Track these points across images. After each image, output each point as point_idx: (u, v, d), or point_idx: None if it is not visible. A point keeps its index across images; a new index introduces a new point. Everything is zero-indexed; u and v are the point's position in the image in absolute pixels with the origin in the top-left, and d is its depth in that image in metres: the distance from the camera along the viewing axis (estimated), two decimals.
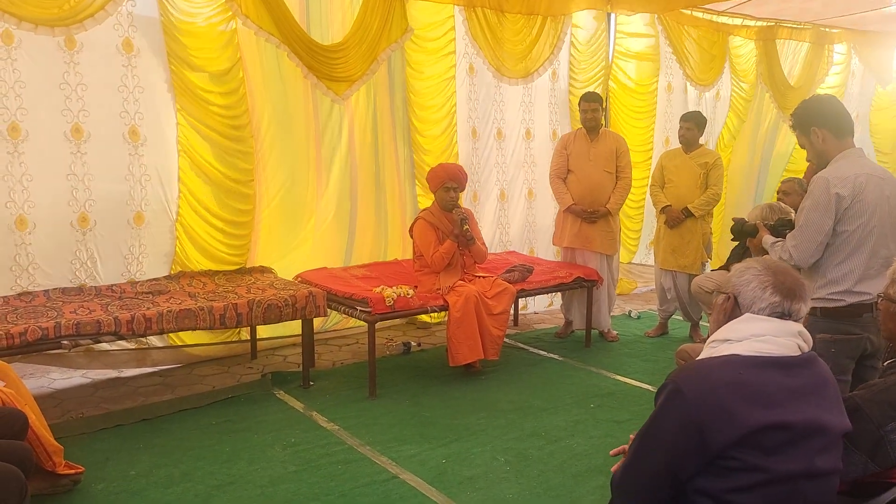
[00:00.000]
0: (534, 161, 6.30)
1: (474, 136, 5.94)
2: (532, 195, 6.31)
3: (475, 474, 3.33)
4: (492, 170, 6.09)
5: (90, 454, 3.38)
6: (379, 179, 5.50)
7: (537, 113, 6.28)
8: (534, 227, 6.41)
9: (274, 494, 3.13)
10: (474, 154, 5.96)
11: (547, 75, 6.23)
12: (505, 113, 6.09)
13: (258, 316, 4.17)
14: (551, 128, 6.40)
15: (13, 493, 2.18)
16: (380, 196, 5.54)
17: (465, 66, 5.79)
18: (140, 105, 4.44)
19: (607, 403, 4.24)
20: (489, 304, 4.58)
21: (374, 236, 5.59)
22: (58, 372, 4.55)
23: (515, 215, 6.31)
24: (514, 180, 6.24)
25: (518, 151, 6.23)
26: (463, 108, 5.82)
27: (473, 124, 5.92)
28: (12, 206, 4.09)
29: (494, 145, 6.08)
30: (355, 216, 5.43)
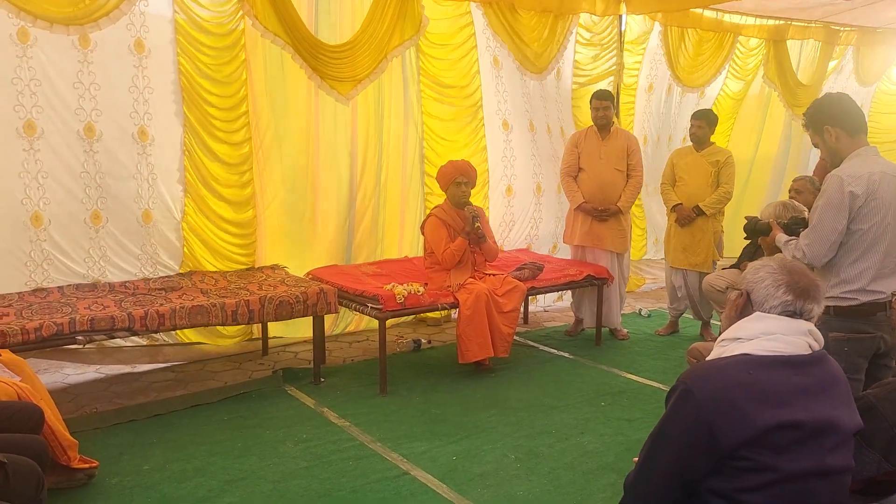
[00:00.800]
0: (556, 156, 6.32)
1: (506, 128, 5.94)
2: (540, 190, 6.33)
3: (486, 471, 3.34)
4: (524, 163, 6.10)
5: (104, 449, 3.41)
6: (381, 178, 5.51)
7: (550, 109, 6.29)
8: (540, 223, 6.42)
9: (286, 490, 3.15)
10: (507, 146, 5.95)
11: (553, 73, 6.24)
12: (532, 107, 6.11)
13: (270, 312, 4.20)
14: (559, 125, 6.41)
15: (30, 486, 2.21)
16: (381, 195, 5.55)
17: (488, 58, 5.79)
18: (149, 105, 4.48)
19: (618, 401, 4.24)
20: (499, 301, 4.59)
21: (372, 235, 5.60)
22: (72, 367, 4.59)
23: (544, 209, 6.32)
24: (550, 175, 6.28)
25: (543, 145, 6.25)
26: (491, 101, 5.82)
27: (504, 116, 5.92)
28: (28, 202, 4.14)
29: (528, 138, 6.09)
30: (354, 215, 5.46)
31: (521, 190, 6.17)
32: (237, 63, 4.69)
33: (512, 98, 5.97)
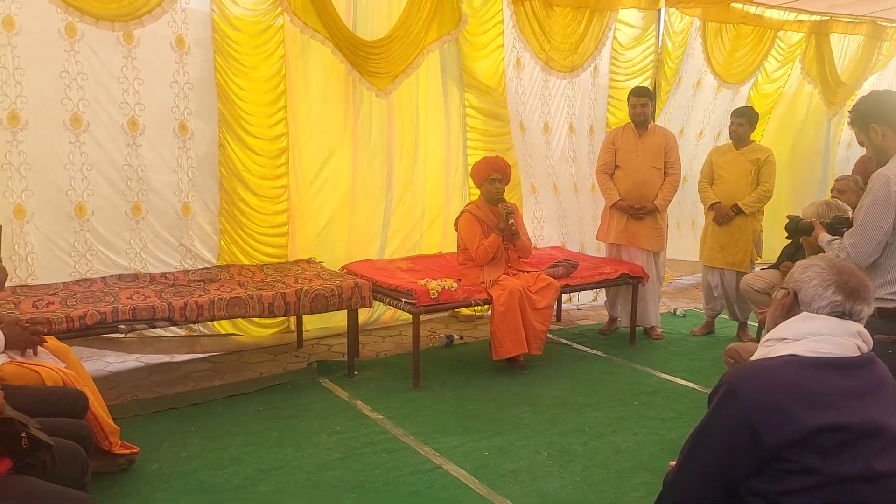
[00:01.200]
0: (574, 156, 6.29)
1: (522, 130, 5.94)
2: (561, 189, 6.30)
3: (518, 467, 3.34)
4: (539, 164, 6.09)
5: (144, 436, 3.48)
6: (419, 173, 5.53)
7: (578, 108, 6.25)
8: (566, 220, 6.40)
9: (320, 480, 3.19)
10: (524, 147, 5.95)
11: (589, 70, 6.19)
12: (550, 107, 6.07)
13: (305, 305, 4.25)
14: (589, 123, 6.37)
15: (76, 469, 2.27)
16: (419, 190, 5.57)
17: (512, 59, 5.79)
18: (189, 101, 4.55)
19: (652, 401, 4.20)
20: (533, 298, 4.58)
21: (407, 231, 5.62)
22: (113, 356, 4.70)
23: (551, 209, 6.30)
24: (559, 175, 6.23)
25: (562, 146, 6.21)
26: (511, 102, 5.82)
27: (521, 118, 5.91)
28: (72, 193, 4.24)
29: (541, 139, 6.07)
30: (390, 211, 5.48)
31: (540, 190, 6.15)
32: (275, 59, 4.74)
33: (530, 100, 5.96)
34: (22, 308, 3.66)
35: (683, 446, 1.69)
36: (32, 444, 2.03)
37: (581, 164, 6.35)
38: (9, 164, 4.01)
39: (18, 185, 4.05)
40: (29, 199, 4.10)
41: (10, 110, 3.97)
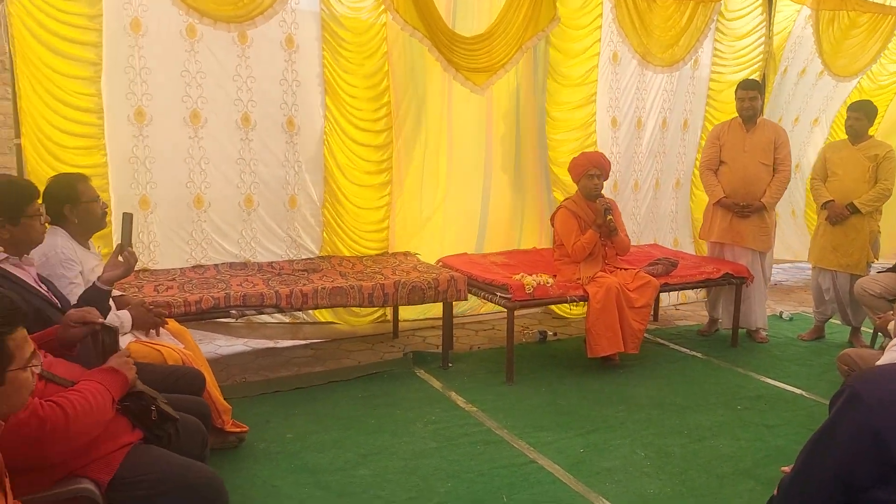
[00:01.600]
0: (663, 151, 6.14)
1: (614, 126, 5.84)
2: (642, 186, 6.16)
3: (614, 466, 3.31)
4: (629, 160, 5.98)
5: (252, 416, 3.67)
6: (516, 168, 5.54)
7: (674, 102, 6.09)
8: (656, 215, 6.29)
9: (417, 467, 3.27)
10: (614, 144, 5.86)
11: (690, 63, 6.01)
12: (645, 102, 5.95)
13: (403, 296, 4.35)
14: (683, 117, 6.18)
15: (197, 443, 2.43)
16: (515, 185, 5.57)
17: (608, 53, 5.70)
18: (297, 97, 4.73)
19: (756, 406, 4.05)
20: (631, 296, 4.50)
21: (509, 226, 5.64)
22: (223, 339, 4.97)
23: (643, 206, 6.17)
24: (642, 171, 6.12)
25: (652, 141, 6.09)
26: (603, 97, 5.74)
27: (613, 113, 5.82)
28: (191, 185, 4.51)
29: (634, 135, 5.96)
30: (487, 205, 5.51)
31: (622, 185, 6.04)
32: (379, 56, 4.86)
33: (624, 95, 5.84)
34: (144, 292, 3.93)
35: (801, 452, 1.63)
36: (160, 417, 2.19)
37: (668, 159, 6.21)
38: (135, 157, 4.30)
39: (144, 178, 4.35)
40: (153, 191, 4.40)
41: (136, 107, 4.26)
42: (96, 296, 2.66)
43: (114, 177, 4.24)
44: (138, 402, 2.17)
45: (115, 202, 4.23)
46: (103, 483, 1.96)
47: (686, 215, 6.50)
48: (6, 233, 2.40)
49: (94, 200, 3.07)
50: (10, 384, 1.39)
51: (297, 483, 3.11)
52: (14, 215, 2.41)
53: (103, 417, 1.94)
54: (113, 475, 1.98)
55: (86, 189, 3.06)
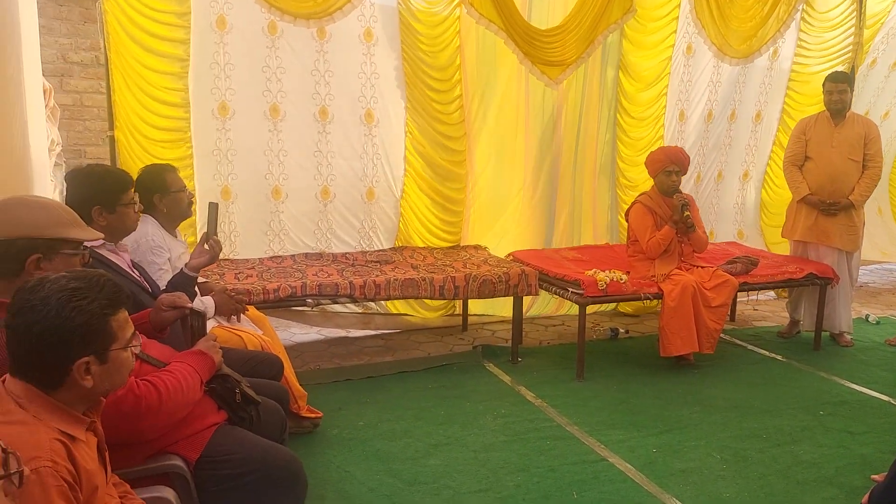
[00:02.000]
0: (730, 143, 5.98)
1: (682, 119, 5.70)
2: (704, 178, 5.99)
3: (688, 468, 3.24)
4: (693, 153, 5.82)
5: (326, 402, 3.75)
6: (578, 163, 5.48)
7: (745, 94, 5.89)
8: (718, 208, 6.15)
9: (486, 460, 3.28)
10: (680, 137, 5.72)
11: (767, 54, 5.79)
12: (717, 94, 5.78)
13: (473, 290, 4.36)
14: (756, 109, 5.97)
15: (276, 426, 2.51)
16: (577, 180, 5.52)
17: (682, 46, 5.56)
18: (375, 90, 4.80)
19: (839, 412, 3.89)
20: (707, 295, 4.38)
21: (573, 221, 5.58)
22: (297, 327, 5.11)
23: (703, 198, 6.03)
24: (704, 163, 5.98)
25: (718, 133, 5.93)
26: (673, 91, 5.61)
27: (682, 106, 5.68)
28: (270, 177, 4.65)
29: (702, 127, 5.81)
30: (554, 200, 5.46)
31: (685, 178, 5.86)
32: (452, 49, 4.88)
33: (696, 87, 5.69)
34: (225, 279, 4.08)
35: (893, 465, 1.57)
36: (244, 399, 2.28)
37: (736, 152, 6.05)
38: (218, 149, 4.46)
39: (226, 169, 4.51)
40: (234, 182, 4.55)
41: (220, 102, 4.41)
42: (184, 282, 2.77)
43: (198, 168, 4.41)
44: (224, 384, 2.25)
45: (199, 193, 4.40)
46: (191, 460, 2.06)
47: (754, 208, 6.31)
48: (103, 220, 2.53)
49: (181, 190, 3.21)
50: (113, 363, 1.47)
51: (369, 469, 3.17)
52: (110, 203, 2.53)
53: (193, 397, 2.03)
54: (200, 453, 2.07)
55: (174, 180, 3.20)
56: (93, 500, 1.41)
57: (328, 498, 2.93)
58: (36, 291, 1.39)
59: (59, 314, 1.37)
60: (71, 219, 1.92)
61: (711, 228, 6.10)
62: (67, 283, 1.41)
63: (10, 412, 1.36)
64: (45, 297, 1.38)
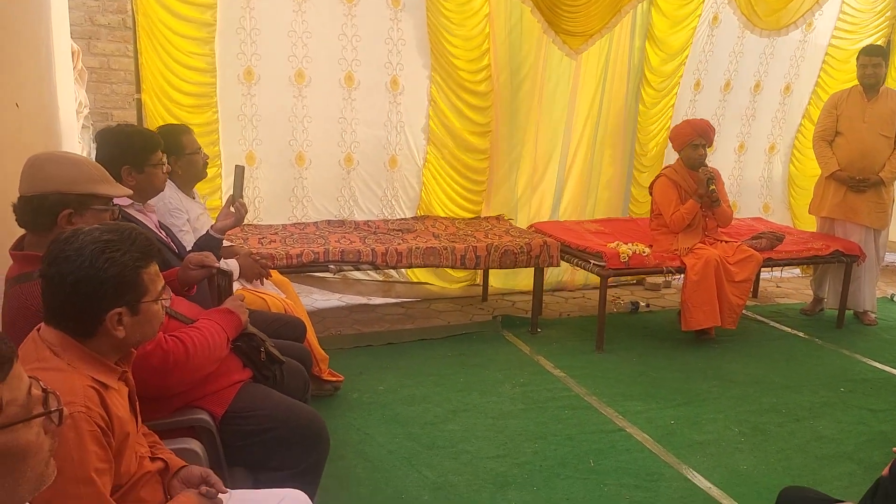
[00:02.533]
0: (753, 115, 5.87)
1: (696, 88, 5.61)
2: (719, 148, 5.86)
3: (706, 440, 3.25)
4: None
5: (346, 367, 3.80)
6: (598, 135, 5.42)
7: (772, 65, 5.76)
8: (740, 180, 6.06)
9: (504, 427, 3.32)
10: (692, 107, 5.63)
11: (802, 27, 5.65)
12: (739, 64, 5.67)
13: (495, 260, 4.37)
14: (785, 81, 5.85)
15: (299, 386, 2.55)
16: (596, 152, 5.46)
17: (709, 16, 5.45)
18: (401, 56, 4.76)
19: (860, 389, 3.87)
20: (731, 270, 4.35)
21: (584, 193, 5.53)
22: (319, 293, 5.15)
23: (724, 171, 5.92)
24: (728, 133, 5.89)
25: (741, 105, 5.83)
26: (692, 60, 5.51)
27: (699, 76, 5.59)
28: (294, 143, 4.66)
29: (719, 97, 5.71)
30: (565, 172, 5.42)
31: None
32: (480, 17, 4.81)
33: (715, 56, 5.58)
34: (249, 244, 4.12)
35: None
36: (268, 358, 2.32)
37: (760, 124, 5.94)
38: (243, 115, 4.48)
39: (251, 135, 4.52)
40: (258, 147, 4.57)
41: (245, 67, 4.41)
42: (210, 243, 2.80)
43: (224, 133, 4.43)
44: (249, 342, 2.29)
45: (224, 158, 4.43)
46: (217, 415, 2.10)
47: (782, 182, 6.22)
48: (132, 179, 2.55)
49: (196, 153, 3.22)
50: (144, 315, 1.51)
51: (389, 433, 3.22)
52: (139, 163, 2.56)
53: (219, 353, 2.07)
54: (226, 409, 2.11)
55: (189, 142, 3.21)
56: (124, 446, 1.45)
57: (348, 458, 2.99)
58: (70, 242, 1.42)
59: (93, 265, 1.40)
60: (101, 175, 1.94)
61: (734, 201, 6.03)
62: (101, 235, 1.44)
63: (46, 359, 1.40)
64: (80, 247, 1.41)
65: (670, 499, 2.76)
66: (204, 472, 1.66)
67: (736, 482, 2.90)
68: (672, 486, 2.86)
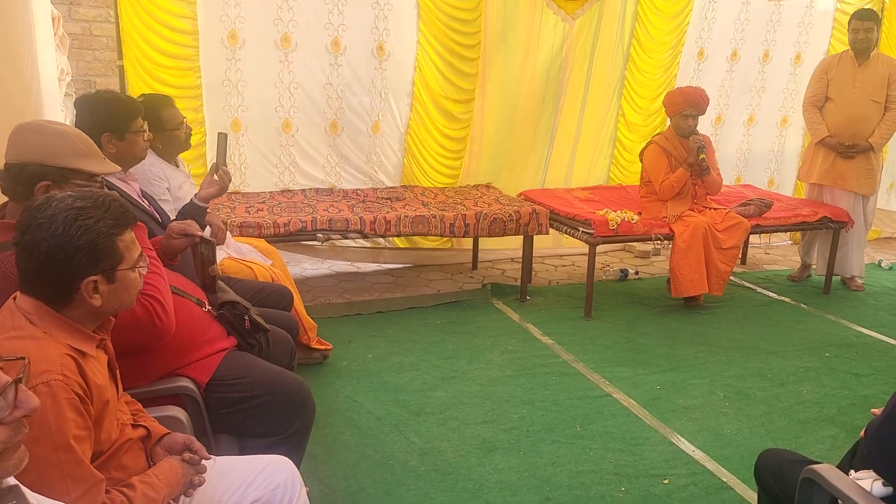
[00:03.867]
0: (763, 86, 5.79)
1: (700, 58, 5.54)
2: (728, 121, 5.84)
3: (691, 405, 3.29)
4: (713, 94, 5.67)
5: (335, 335, 3.81)
6: (585, 102, 5.36)
7: (782, 34, 5.68)
8: (748, 154, 5.99)
9: (492, 393, 3.34)
10: (696, 77, 5.58)
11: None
12: (745, 33, 5.59)
13: (484, 228, 4.36)
14: (795, 50, 5.78)
15: (285, 354, 2.55)
16: (582, 119, 5.41)
17: None
18: (388, 22, 4.69)
19: (845, 354, 3.91)
20: (719, 237, 4.36)
21: (567, 160, 5.50)
22: (308, 262, 5.14)
23: (732, 143, 5.89)
24: (737, 105, 5.82)
25: (749, 75, 5.75)
26: (694, 28, 5.44)
27: (702, 44, 5.52)
28: (280, 110, 4.60)
29: (725, 67, 5.65)
30: (553, 139, 5.38)
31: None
32: None
33: (719, 25, 5.49)
34: (237, 213, 4.09)
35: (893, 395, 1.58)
36: (253, 326, 2.31)
37: (771, 96, 5.87)
38: (228, 80, 4.41)
39: (236, 101, 4.46)
40: (244, 114, 4.51)
41: (229, 30, 4.33)
42: (194, 211, 2.78)
43: (207, 99, 4.37)
44: (233, 310, 2.29)
45: (209, 124, 4.37)
46: (202, 383, 2.10)
47: (796, 156, 6.14)
48: (112, 147, 2.52)
49: (177, 128, 3.15)
50: (120, 283, 1.49)
51: (377, 400, 3.24)
52: (120, 130, 2.52)
53: None
54: (210, 376, 2.11)
55: (171, 116, 3.14)
56: (104, 413, 1.45)
57: (336, 425, 3.01)
58: (43, 209, 1.39)
59: (66, 232, 1.38)
60: (86, 149, 1.91)
61: (739, 174, 6.00)
62: (73, 202, 1.41)
63: (22, 327, 1.39)
64: (52, 215, 1.39)
65: (654, 462, 2.80)
66: (187, 439, 1.67)
67: (719, 445, 2.94)
68: (657, 449, 2.90)
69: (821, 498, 1.65)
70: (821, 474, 1.64)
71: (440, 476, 2.66)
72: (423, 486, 2.60)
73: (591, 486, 2.63)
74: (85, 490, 1.32)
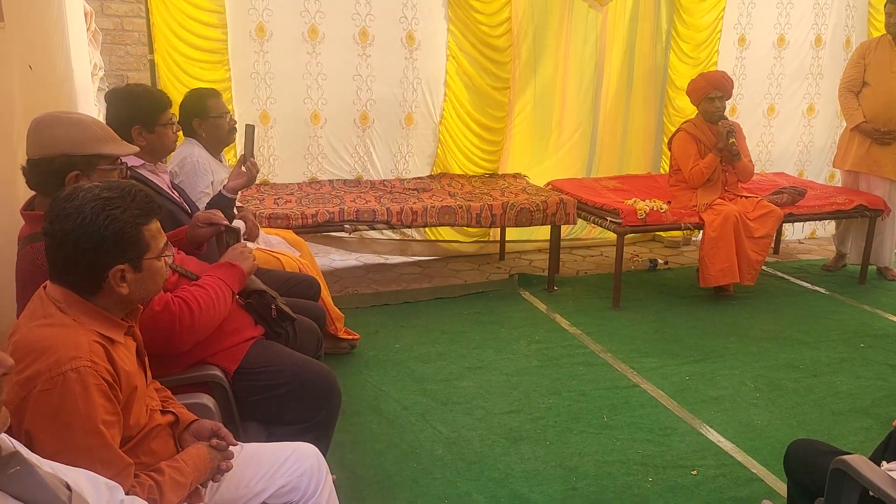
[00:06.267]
0: (820, 73, 5.62)
1: (741, 45, 5.42)
2: (781, 111, 5.67)
3: (721, 395, 3.25)
4: (763, 82, 5.55)
5: (363, 326, 3.84)
6: (630, 91, 5.30)
7: (830, 16, 5.53)
8: (810, 147, 5.81)
9: (519, 383, 3.34)
10: (738, 64, 5.46)
11: None
12: (790, 17, 5.45)
13: (511, 218, 4.35)
14: (845, 35, 5.61)
15: (312, 344, 2.57)
16: (627, 107, 5.35)
17: None
18: (417, 10, 4.68)
19: (881, 345, 3.82)
20: (750, 226, 4.28)
21: (617, 149, 5.45)
22: (336, 253, 5.18)
23: (785, 133, 5.74)
24: (792, 94, 5.64)
25: (803, 61, 5.58)
26: (731, 13, 5.32)
27: (742, 31, 5.40)
28: (308, 102, 4.63)
29: (773, 54, 5.51)
30: (597, 128, 5.33)
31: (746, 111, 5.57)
32: None
33: (759, 9, 5.36)
34: (265, 204, 4.14)
35: None
36: (280, 315, 2.34)
37: (830, 84, 5.65)
38: (256, 73, 4.45)
39: (264, 93, 4.50)
40: (272, 106, 4.55)
41: (257, 23, 4.37)
42: (222, 202, 2.82)
43: (237, 92, 4.42)
44: (260, 299, 2.31)
45: (238, 116, 4.41)
46: (230, 371, 2.13)
47: None
48: (142, 139, 2.56)
49: (220, 116, 3.21)
50: (147, 271, 1.52)
51: (404, 389, 3.26)
52: (149, 122, 2.56)
53: (224, 308, 2.08)
54: (238, 365, 2.14)
55: (215, 105, 3.20)
56: (132, 399, 1.48)
57: (363, 414, 3.03)
58: (70, 200, 1.43)
59: (94, 222, 1.41)
60: (106, 134, 1.94)
61: (801, 170, 5.84)
62: (100, 192, 1.44)
63: (51, 315, 1.42)
64: (80, 205, 1.42)
65: (682, 452, 2.77)
66: (214, 426, 1.70)
67: (749, 436, 2.90)
68: (685, 440, 2.87)
69: (851, 489, 1.62)
70: (851, 465, 1.61)
71: (466, 465, 2.67)
72: (449, 475, 2.61)
73: (617, 476, 2.62)
74: (114, 474, 1.36)
